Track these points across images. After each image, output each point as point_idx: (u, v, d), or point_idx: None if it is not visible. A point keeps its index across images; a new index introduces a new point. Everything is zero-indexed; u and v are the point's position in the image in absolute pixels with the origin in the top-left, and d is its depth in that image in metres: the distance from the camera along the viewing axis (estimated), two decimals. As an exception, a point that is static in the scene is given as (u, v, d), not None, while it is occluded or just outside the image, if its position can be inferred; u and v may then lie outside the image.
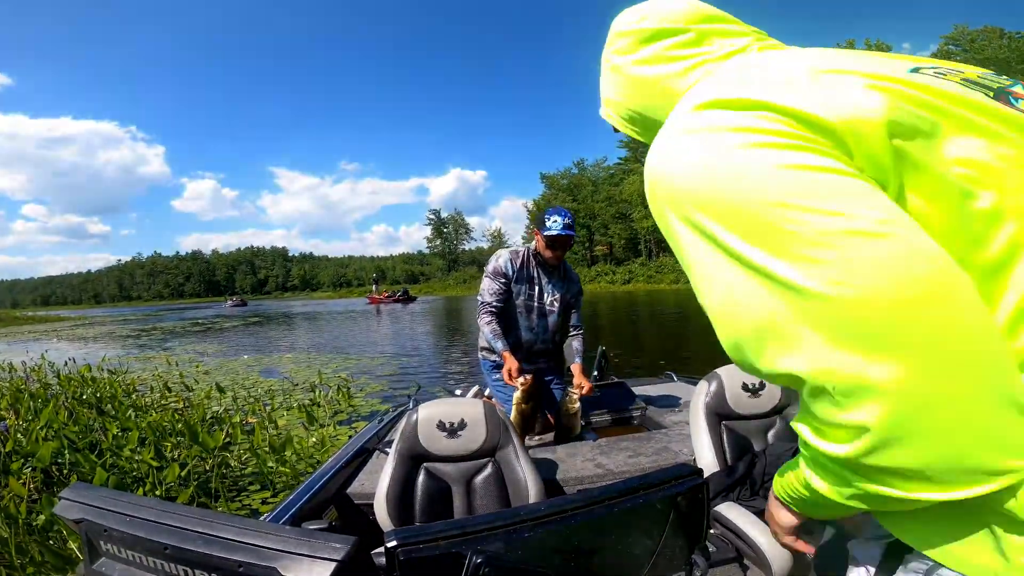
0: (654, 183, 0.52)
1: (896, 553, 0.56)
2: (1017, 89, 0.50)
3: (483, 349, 2.35)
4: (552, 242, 2.20)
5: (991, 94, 0.48)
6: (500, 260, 2.26)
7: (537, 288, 2.27)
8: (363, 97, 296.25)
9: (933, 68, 0.52)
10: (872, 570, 0.62)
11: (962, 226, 0.43)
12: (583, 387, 2.21)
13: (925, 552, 0.48)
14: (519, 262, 2.26)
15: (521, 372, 2.08)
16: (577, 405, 2.20)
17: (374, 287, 51.13)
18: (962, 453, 0.38)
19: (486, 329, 2.20)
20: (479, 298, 2.27)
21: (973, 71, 0.53)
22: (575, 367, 2.30)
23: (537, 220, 2.23)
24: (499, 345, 2.15)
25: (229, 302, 60.75)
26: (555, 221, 2.16)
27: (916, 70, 0.50)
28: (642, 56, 0.66)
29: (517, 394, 2.02)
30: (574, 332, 2.41)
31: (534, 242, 2.30)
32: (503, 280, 2.23)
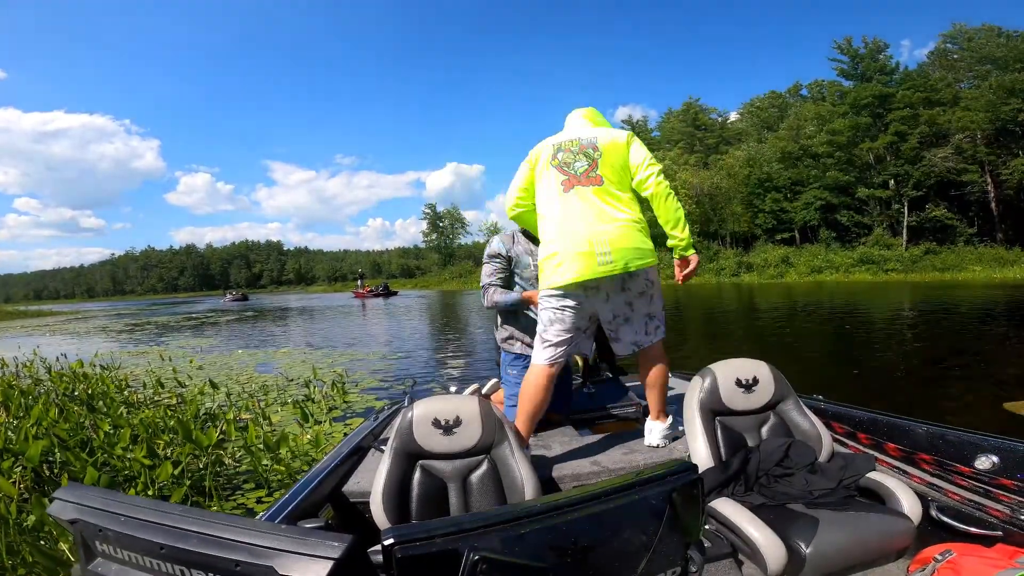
0: None
1: None
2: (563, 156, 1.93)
3: (505, 340, 2.35)
4: None
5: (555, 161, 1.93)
6: (494, 243, 2.33)
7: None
8: (360, 91, 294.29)
9: (559, 143, 1.95)
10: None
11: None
12: None
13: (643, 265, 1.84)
14: (512, 241, 2.32)
15: None
16: None
17: (359, 282, 52.28)
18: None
19: (496, 298, 2.23)
20: (481, 284, 2.32)
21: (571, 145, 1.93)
22: None
23: None
24: (514, 295, 2.22)
25: (228, 296, 58.75)
26: None
27: (556, 144, 1.95)
28: None
29: None
30: None
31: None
32: (498, 261, 2.28)
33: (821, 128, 32.60)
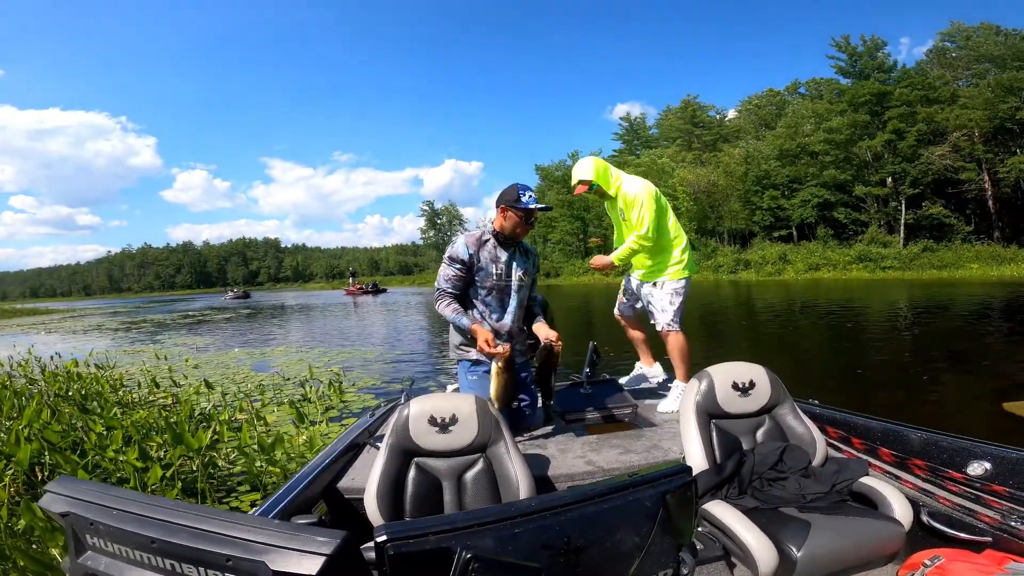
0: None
1: None
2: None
3: (460, 346, 2.30)
4: (529, 216, 2.17)
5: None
6: (457, 245, 2.21)
7: (504, 267, 2.22)
8: (358, 87, 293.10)
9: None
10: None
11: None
12: (552, 336, 2.18)
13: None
14: (478, 245, 2.20)
15: (496, 343, 2.08)
16: (559, 345, 2.20)
17: (351, 280, 53.16)
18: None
19: (446, 312, 2.17)
20: (436, 286, 2.24)
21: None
22: (537, 325, 2.27)
23: (507, 197, 2.17)
24: (465, 321, 2.14)
25: (230, 293, 58.07)
26: (530, 196, 2.15)
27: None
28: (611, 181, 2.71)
29: (497, 364, 2.00)
30: (531, 303, 2.41)
31: (492, 222, 2.25)
32: (459, 266, 2.18)
33: (819, 126, 32.57)
